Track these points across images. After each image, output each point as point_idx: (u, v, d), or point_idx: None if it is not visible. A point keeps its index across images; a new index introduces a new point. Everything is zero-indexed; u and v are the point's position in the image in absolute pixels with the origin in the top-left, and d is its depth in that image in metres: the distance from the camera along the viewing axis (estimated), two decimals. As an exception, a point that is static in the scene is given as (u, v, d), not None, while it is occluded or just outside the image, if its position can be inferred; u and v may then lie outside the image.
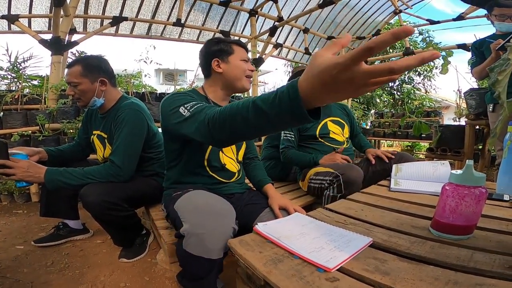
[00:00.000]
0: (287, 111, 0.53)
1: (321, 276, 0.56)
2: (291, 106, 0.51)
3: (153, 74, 11.72)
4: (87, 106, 1.34)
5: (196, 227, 0.81)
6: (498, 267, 0.57)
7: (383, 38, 0.40)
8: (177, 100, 0.94)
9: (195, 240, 0.81)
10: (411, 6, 5.52)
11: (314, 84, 0.47)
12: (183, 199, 0.96)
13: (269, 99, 0.56)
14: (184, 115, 0.87)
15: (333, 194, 1.38)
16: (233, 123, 0.66)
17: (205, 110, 0.80)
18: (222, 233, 0.82)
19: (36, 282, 1.13)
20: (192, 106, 0.87)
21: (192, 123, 0.83)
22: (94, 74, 1.29)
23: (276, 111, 0.55)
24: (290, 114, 0.53)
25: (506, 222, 0.82)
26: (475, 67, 2.05)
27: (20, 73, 2.68)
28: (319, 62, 0.45)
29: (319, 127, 1.74)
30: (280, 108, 0.53)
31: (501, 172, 1.06)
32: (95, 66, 1.30)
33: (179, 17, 4.06)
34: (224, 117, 0.68)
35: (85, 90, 1.28)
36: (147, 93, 2.97)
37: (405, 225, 0.82)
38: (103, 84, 1.32)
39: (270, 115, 0.56)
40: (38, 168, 1.14)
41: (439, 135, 2.70)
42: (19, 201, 2.23)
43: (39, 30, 3.67)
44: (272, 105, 0.55)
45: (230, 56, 1.12)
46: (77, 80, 1.27)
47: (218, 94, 1.17)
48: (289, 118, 0.54)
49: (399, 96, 9.15)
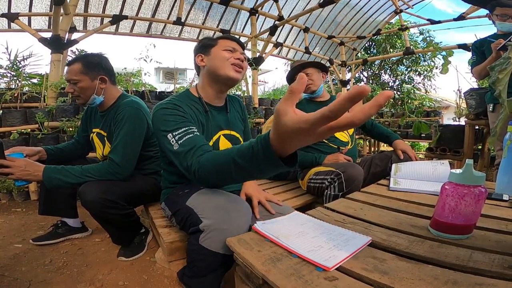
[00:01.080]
0: (265, 165, 0.62)
1: (320, 275, 0.56)
2: (268, 161, 0.60)
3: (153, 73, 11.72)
4: (87, 103, 1.33)
5: (219, 223, 0.83)
6: (497, 266, 0.57)
7: (339, 106, 0.43)
8: (166, 122, 0.96)
9: (215, 235, 0.82)
10: (412, 6, 5.51)
11: (284, 141, 0.55)
12: (198, 196, 0.96)
13: (247, 156, 0.65)
14: (172, 145, 0.91)
15: (334, 193, 1.38)
16: (218, 177, 0.78)
17: (192, 151, 0.86)
18: (242, 229, 0.84)
19: (34, 280, 1.12)
20: (181, 137, 0.91)
21: (179, 160, 0.89)
22: (94, 72, 1.29)
23: (255, 166, 0.64)
24: (269, 166, 0.62)
25: (506, 222, 0.82)
26: (475, 66, 2.05)
27: (19, 71, 2.68)
28: (283, 122, 0.51)
29: None
30: (258, 164, 0.63)
31: (501, 172, 1.06)
32: (95, 63, 1.30)
33: (179, 16, 4.05)
34: (209, 172, 0.79)
35: (84, 88, 1.28)
36: (146, 91, 2.97)
37: (404, 225, 0.82)
38: (103, 82, 1.32)
39: (251, 170, 0.67)
40: (36, 166, 1.13)
41: (439, 135, 2.70)
42: (18, 199, 2.23)
43: (39, 28, 3.66)
44: (251, 162, 0.64)
45: (212, 48, 1.09)
46: (77, 77, 1.26)
47: (209, 93, 1.14)
48: (270, 169, 0.64)
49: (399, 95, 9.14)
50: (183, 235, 1.11)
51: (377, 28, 6.15)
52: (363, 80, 10.15)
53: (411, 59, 9.26)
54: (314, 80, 1.74)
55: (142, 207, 1.57)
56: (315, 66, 1.78)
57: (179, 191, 1.06)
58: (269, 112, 3.75)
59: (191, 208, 0.93)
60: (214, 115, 1.14)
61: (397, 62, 9.65)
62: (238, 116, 1.27)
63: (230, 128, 1.19)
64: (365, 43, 8.01)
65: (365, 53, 8.99)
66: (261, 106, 3.98)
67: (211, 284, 0.89)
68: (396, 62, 9.66)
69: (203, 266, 0.87)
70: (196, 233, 0.86)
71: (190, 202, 0.96)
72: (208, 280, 0.88)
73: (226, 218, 0.84)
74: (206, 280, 0.88)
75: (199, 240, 0.84)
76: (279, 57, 6.10)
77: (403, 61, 9.49)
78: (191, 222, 0.91)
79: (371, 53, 9.63)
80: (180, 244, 1.11)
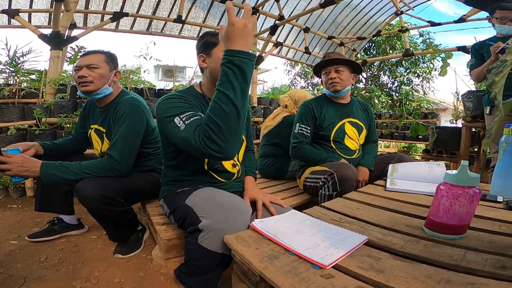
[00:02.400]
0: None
1: (316, 272, 0.57)
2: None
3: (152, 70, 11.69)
4: (96, 92, 1.32)
5: (218, 223, 0.83)
6: (490, 266, 0.58)
7: None
8: (172, 109, 0.96)
9: (214, 235, 0.82)
10: (413, 8, 5.52)
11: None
12: (197, 195, 0.97)
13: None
14: (179, 127, 0.92)
15: (328, 193, 1.38)
16: (217, 117, 0.83)
17: (199, 128, 0.88)
18: (241, 230, 0.84)
19: (29, 277, 1.12)
20: (188, 118, 0.92)
21: (187, 134, 0.89)
22: (113, 65, 1.37)
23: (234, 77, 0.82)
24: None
25: (499, 223, 0.83)
26: (474, 69, 2.06)
27: (18, 67, 2.66)
28: None
29: (335, 128, 1.61)
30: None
31: (496, 174, 1.07)
32: (114, 58, 1.40)
33: (180, 14, 4.05)
34: (208, 119, 0.84)
35: (103, 75, 1.31)
36: (145, 89, 2.97)
37: (400, 224, 0.83)
38: (116, 76, 1.38)
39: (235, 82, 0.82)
40: (33, 162, 1.13)
41: (436, 137, 2.72)
42: (14, 195, 2.22)
43: (39, 24, 3.65)
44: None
45: (213, 48, 1.08)
46: (100, 64, 1.31)
47: (213, 91, 1.14)
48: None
49: (398, 97, 9.18)
50: (181, 233, 1.11)
51: (377, 29, 6.17)
52: (362, 81, 10.18)
53: (411, 60, 9.31)
54: (343, 80, 1.58)
55: (139, 205, 1.57)
56: (349, 65, 1.62)
57: (179, 189, 1.06)
58: (268, 111, 3.75)
59: (190, 207, 0.93)
60: None
61: (397, 64, 9.70)
62: None
63: None
64: (365, 44, 8.04)
65: (364, 54, 9.02)
66: (259, 105, 3.99)
67: (209, 282, 0.89)
68: (395, 63, 9.70)
69: (202, 265, 0.87)
70: (195, 233, 0.86)
71: (189, 200, 0.96)
72: (206, 279, 0.88)
73: (226, 218, 0.84)
74: (204, 279, 0.88)
75: (198, 239, 0.84)
76: (278, 57, 6.10)
77: (403, 62, 9.54)
78: (190, 221, 0.91)
79: (371, 54, 9.67)
80: (177, 242, 1.11)
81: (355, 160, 1.63)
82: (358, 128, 1.67)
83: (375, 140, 1.81)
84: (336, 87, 1.59)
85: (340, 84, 1.59)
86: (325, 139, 1.62)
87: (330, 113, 1.62)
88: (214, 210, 0.87)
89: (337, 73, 1.58)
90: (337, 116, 1.63)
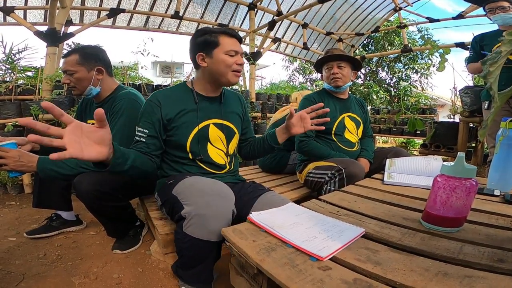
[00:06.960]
0: None
1: (313, 264, 0.57)
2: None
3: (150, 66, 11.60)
4: (83, 94, 1.32)
5: (199, 208, 0.83)
6: (486, 259, 0.58)
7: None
8: (140, 116, 1.11)
9: (196, 221, 0.82)
10: (412, 4, 5.50)
11: None
12: (182, 184, 0.97)
13: None
14: (137, 133, 1.08)
15: (334, 189, 1.37)
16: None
17: (134, 145, 1.08)
18: (224, 214, 0.84)
19: (28, 273, 1.12)
20: (138, 134, 1.08)
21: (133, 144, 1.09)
22: (91, 63, 1.29)
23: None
24: None
25: (496, 216, 0.84)
26: (471, 62, 2.09)
27: (14, 64, 2.64)
28: None
29: (336, 122, 1.63)
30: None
31: (493, 167, 1.07)
32: (92, 54, 1.30)
33: (177, 10, 4.01)
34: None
35: (81, 78, 1.27)
36: (143, 84, 2.95)
37: (397, 217, 0.83)
38: (99, 73, 1.31)
39: None
40: (30, 157, 1.12)
41: (433, 131, 2.73)
42: (12, 192, 2.21)
43: (34, 21, 3.59)
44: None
45: (215, 49, 1.07)
46: (74, 68, 1.26)
47: (206, 87, 1.16)
48: None
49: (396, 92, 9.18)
50: (179, 228, 1.11)
51: (375, 25, 6.14)
52: (361, 77, 10.16)
53: (409, 57, 9.31)
54: (344, 75, 1.60)
55: (138, 200, 1.57)
56: (351, 62, 1.64)
57: (169, 180, 1.07)
58: (266, 107, 3.75)
59: (175, 196, 0.94)
60: (205, 106, 1.16)
61: (395, 60, 9.69)
62: (236, 110, 1.26)
63: (224, 118, 1.19)
64: (363, 40, 8.01)
65: (363, 50, 9.00)
66: (258, 100, 3.97)
67: (202, 274, 0.90)
68: (393, 59, 9.70)
69: (190, 255, 0.87)
70: (180, 221, 0.86)
71: (175, 190, 0.96)
72: (199, 271, 0.89)
73: (207, 203, 0.84)
74: (197, 271, 0.89)
75: (182, 227, 0.84)
76: (277, 52, 6.06)
77: (401, 58, 9.54)
78: (176, 210, 0.91)
79: (369, 50, 9.64)
80: (176, 237, 1.11)
81: (355, 153, 1.67)
82: (356, 123, 1.71)
83: (370, 135, 1.85)
84: (338, 83, 1.61)
85: (342, 80, 1.61)
86: (327, 132, 1.63)
87: (331, 107, 1.62)
88: (195, 196, 0.87)
89: (339, 69, 1.60)
90: (338, 110, 1.66)
